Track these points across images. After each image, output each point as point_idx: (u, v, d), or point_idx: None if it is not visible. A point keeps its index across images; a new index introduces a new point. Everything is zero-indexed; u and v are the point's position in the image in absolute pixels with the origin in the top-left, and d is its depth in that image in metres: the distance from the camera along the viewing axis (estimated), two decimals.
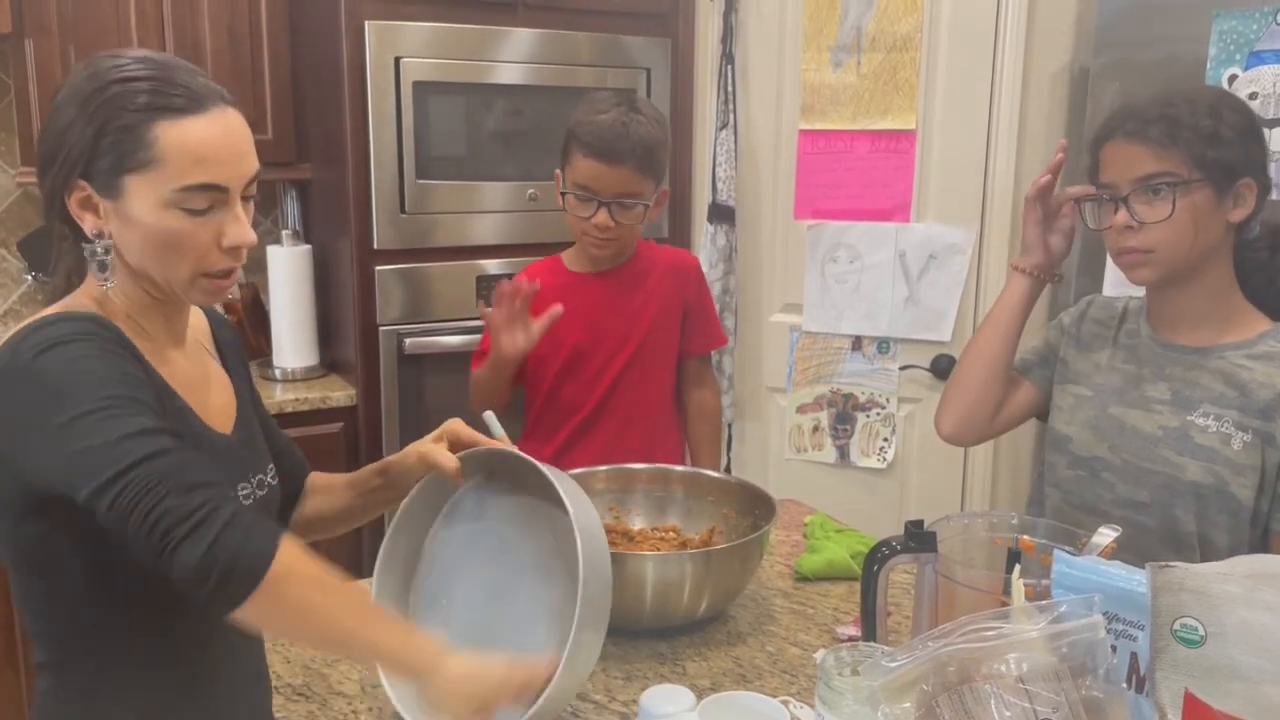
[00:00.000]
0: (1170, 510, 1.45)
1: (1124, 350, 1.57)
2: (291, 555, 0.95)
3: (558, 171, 1.91)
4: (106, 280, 1.07)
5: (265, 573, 0.92)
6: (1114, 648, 0.97)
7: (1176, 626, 0.91)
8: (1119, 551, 1.16)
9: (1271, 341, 1.45)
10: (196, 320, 1.26)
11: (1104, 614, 0.94)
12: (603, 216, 1.83)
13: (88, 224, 1.06)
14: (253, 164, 1.09)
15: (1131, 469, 1.49)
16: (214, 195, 1.06)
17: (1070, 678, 0.87)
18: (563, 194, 1.89)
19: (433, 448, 1.28)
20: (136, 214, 1.04)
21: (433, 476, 1.29)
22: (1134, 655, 0.98)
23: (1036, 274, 1.63)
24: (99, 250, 1.06)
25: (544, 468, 1.22)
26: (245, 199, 1.10)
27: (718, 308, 2.75)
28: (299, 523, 1.37)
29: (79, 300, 1.09)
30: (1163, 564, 0.92)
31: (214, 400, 1.18)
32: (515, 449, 1.30)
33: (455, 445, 1.29)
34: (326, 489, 1.39)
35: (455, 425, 1.31)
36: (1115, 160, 1.44)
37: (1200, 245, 1.42)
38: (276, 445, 1.33)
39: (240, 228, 1.08)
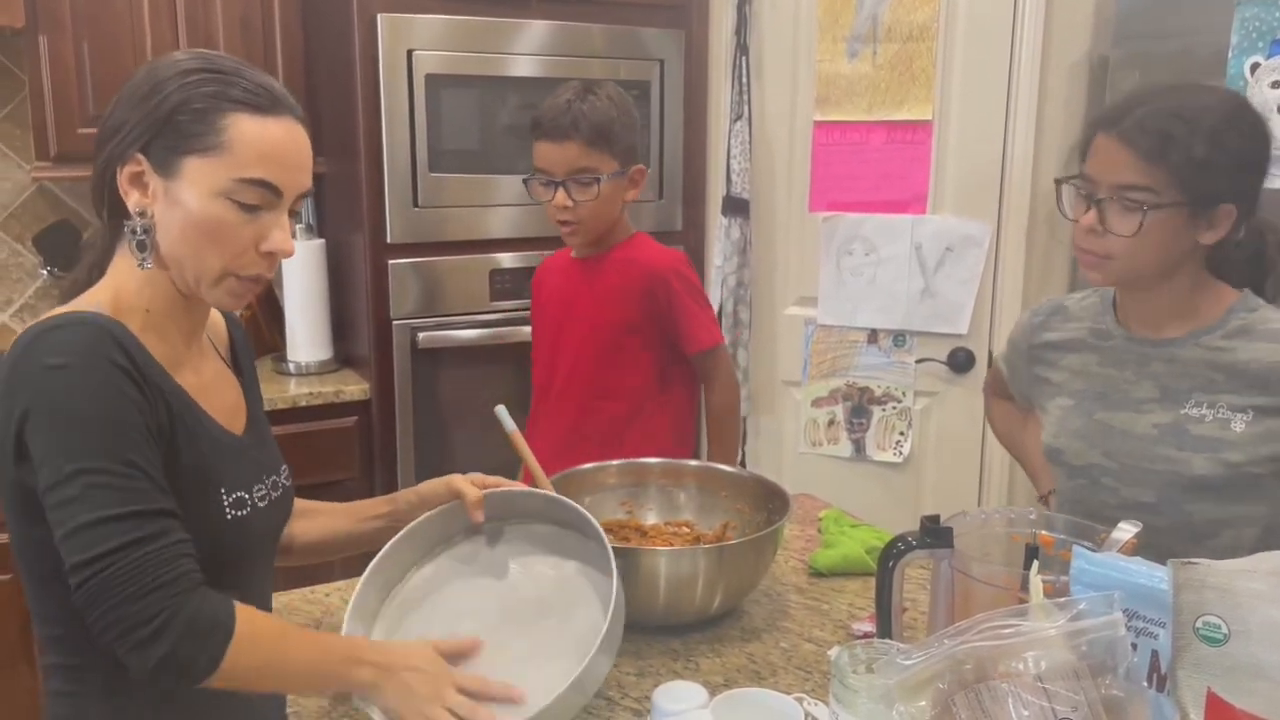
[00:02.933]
0: (1181, 506, 1.42)
1: (1098, 353, 1.53)
2: (243, 638, 1.01)
3: None
4: (145, 261, 1.07)
5: (216, 670, 0.99)
6: (1134, 645, 0.95)
7: (1199, 624, 0.89)
8: (1138, 551, 1.14)
9: (1241, 314, 1.41)
10: (213, 319, 1.25)
11: (1124, 611, 0.92)
12: (560, 196, 1.85)
13: (133, 200, 1.06)
14: (308, 181, 1.11)
15: (1131, 471, 1.46)
16: (267, 195, 1.07)
17: (1090, 676, 0.86)
18: (525, 180, 1.93)
19: (463, 479, 1.33)
20: (185, 196, 1.05)
21: (444, 510, 1.33)
22: (1155, 653, 0.96)
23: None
24: (139, 229, 1.06)
25: (573, 505, 1.30)
26: (291, 213, 1.11)
27: (731, 301, 2.74)
28: (283, 548, 1.34)
29: (95, 298, 1.08)
30: (1185, 560, 0.90)
31: (226, 402, 1.18)
32: (539, 489, 1.38)
33: (481, 487, 1.35)
34: (311, 513, 1.37)
35: (481, 476, 1.36)
36: (1101, 155, 1.38)
37: (1160, 261, 1.38)
38: None
39: (283, 236, 1.09)
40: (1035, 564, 1.07)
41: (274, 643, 1.06)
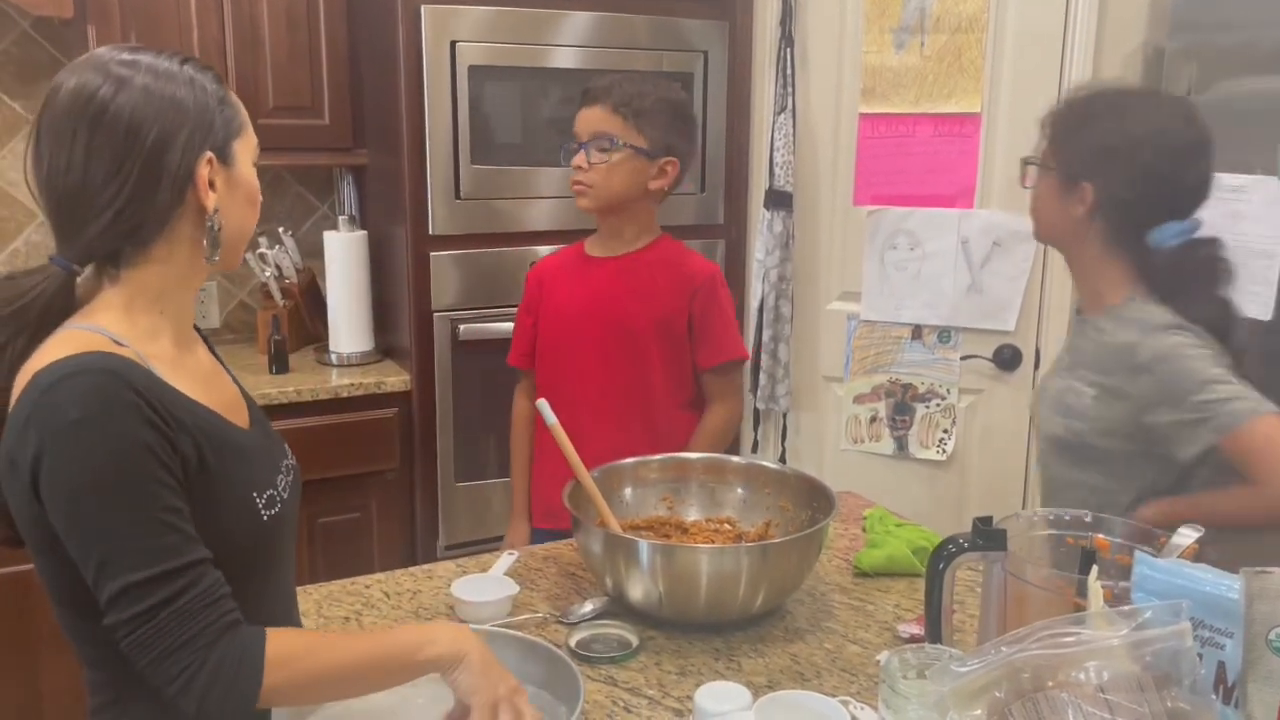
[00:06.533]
0: (1046, 461, 1.70)
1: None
2: (276, 664, 0.99)
3: None
4: (215, 255, 1.08)
5: (255, 703, 0.99)
6: (1200, 656, 0.92)
7: (1272, 636, 0.86)
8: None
9: (1130, 303, 1.57)
10: None
11: (1190, 620, 0.88)
12: (579, 157, 1.88)
13: (211, 200, 1.07)
14: None
15: (1041, 432, 1.72)
16: None
17: (1154, 688, 0.83)
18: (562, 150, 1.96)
19: None
20: (241, 175, 1.11)
21: None
22: (1221, 664, 0.93)
23: None
24: (216, 225, 1.08)
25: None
26: None
27: (773, 295, 2.71)
28: None
29: (104, 320, 1.04)
30: (1259, 570, 0.87)
31: (226, 395, 1.16)
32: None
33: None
34: None
35: None
36: None
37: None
38: None
39: None
40: (1094, 569, 1.04)
41: (314, 658, 1.04)
